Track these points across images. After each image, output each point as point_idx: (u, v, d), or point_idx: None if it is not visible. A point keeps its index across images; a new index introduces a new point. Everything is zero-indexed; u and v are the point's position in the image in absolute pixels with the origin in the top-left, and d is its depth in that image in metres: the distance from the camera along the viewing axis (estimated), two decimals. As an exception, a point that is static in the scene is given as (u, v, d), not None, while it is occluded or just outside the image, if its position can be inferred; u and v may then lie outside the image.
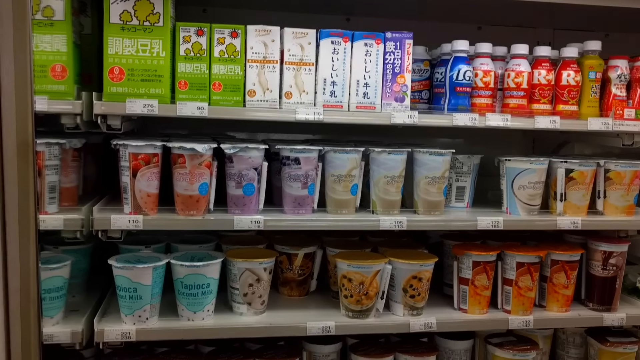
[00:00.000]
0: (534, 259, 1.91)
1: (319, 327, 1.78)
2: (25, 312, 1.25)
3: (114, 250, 1.84)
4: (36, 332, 1.28)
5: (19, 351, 1.38)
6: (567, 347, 2.19)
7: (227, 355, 1.80)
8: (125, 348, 1.81)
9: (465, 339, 2.03)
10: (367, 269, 1.79)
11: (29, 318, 1.25)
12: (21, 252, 1.28)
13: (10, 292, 1.23)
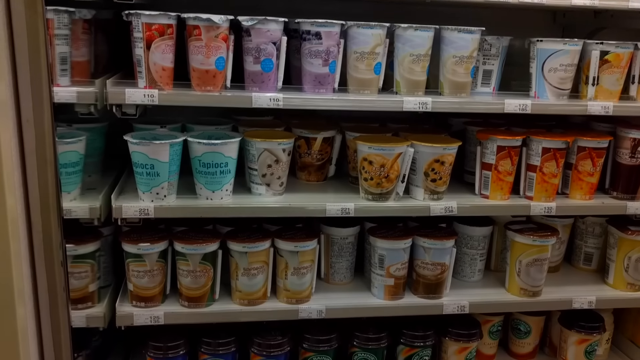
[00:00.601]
0: (560, 145, 1.85)
1: (338, 209, 1.76)
2: (43, 173, 1.22)
3: (129, 131, 1.79)
4: (54, 193, 1.26)
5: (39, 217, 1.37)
6: (586, 237, 2.18)
7: (246, 235, 1.80)
8: (143, 226, 1.81)
9: (485, 225, 2.02)
10: (389, 151, 1.74)
11: (46, 180, 1.23)
12: (35, 115, 1.24)
13: (26, 153, 1.20)
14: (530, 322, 2.17)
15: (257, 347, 1.86)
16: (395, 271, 1.87)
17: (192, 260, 1.74)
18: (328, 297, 1.91)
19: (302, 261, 1.81)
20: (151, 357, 1.81)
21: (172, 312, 1.77)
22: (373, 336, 1.92)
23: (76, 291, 1.73)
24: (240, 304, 1.82)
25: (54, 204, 1.43)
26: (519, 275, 1.94)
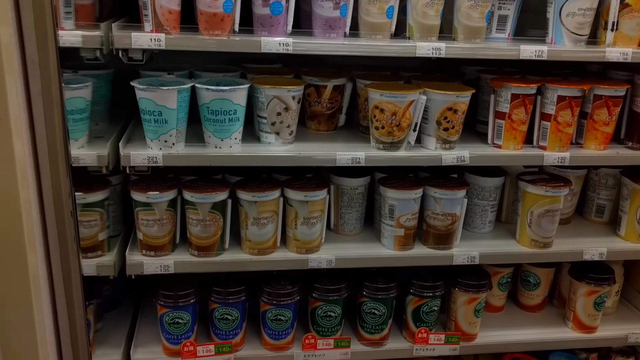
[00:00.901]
0: (576, 93, 1.80)
1: (349, 158, 1.73)
2: (50, 117, 1.20)
3: (136, 79, 1.76)
4: (62, 138, 1.24)
5: (47, 164, 1.35)
6: (598, 189, 2.15)
7: (255, 184, 1.78)
8: (151, 175, 1.79)
9: (496, 176, 2.00)
10: (401, 98, 1.70)
11: (53, 124, 1.21)
12: (40, 57, 1.21)
13: (32, 96, 1.17)
14: (540, 274, 2.17)
15: (267, 296, 1.86)
16: (406, 222, 1.85)
17: (201, 209, 1.73)
18: (338, 247, 1.90)
19: (312, 211, 1.80)
20: (161, 305, 1.82)
21: (182, 261, 1.77)
22: (382, 286, 1.92)
23: (86, 240, 1.72)
24: (250, 253, 1.82)
25: (61, 149, 1.41)
26: (530, 226, 1.92)
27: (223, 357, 1.87)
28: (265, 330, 1.91)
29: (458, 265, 1.92)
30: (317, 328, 1.95)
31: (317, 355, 1.93)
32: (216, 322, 1.87)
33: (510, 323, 2.16)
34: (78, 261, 1.53)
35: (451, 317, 2.03)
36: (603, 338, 2.11)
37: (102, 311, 2.04)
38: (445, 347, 1.99)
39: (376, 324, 1.94)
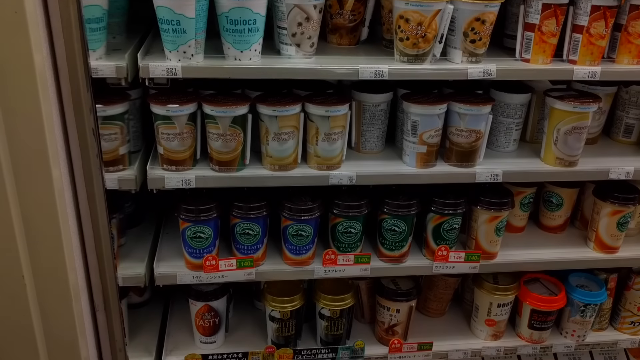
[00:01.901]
0: (611, 2, 1.71)
1: (372, 71, 1.69)
2: (67, 25, 1.17)
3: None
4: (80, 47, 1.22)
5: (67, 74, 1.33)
6: (628, 108, 2.09)
7: (276, 99, 1.75)
8: (171, 88, 1.77)
9: (523, 93, 1.94)
10: (427, 7, 1.63)
11: (71, 33, 1.18)
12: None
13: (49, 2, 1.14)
14: (563, 194, 2.14)
15: (288, 211, 1.87)
16: (429, 138, 1.82)
17: (221, 123, 1.71)
18: (359, 164, 1.88)
19: (333, 127, 1.77)
20: (183, 219, 1.83)
21: (204, 175, 1.77)
22: (403, 203, 1.91)
23: (107, 154, 1.72)
24: (270, 169, 1.81)
25: (81, 61, 1.39)
26: (555, 144, 1.88)
27: (245, 272, 1.90)
28: (286, 246, 1.93)
29: (480, 183, 1.90)
30: (338, 244, 1.96)
31: (337, 271, 1.95)
32: (238, 237, 1.89)
33: (530, 243, 2.16)
34: (102, 177, 1.53)
35: (472, 235, 2.03)
36: (624, 258, 2.10)
37: (125, 227, 2.07)
38: (465, 265, 2.00)
39: (396, 240, 1.95)
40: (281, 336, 2.06)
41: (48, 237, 1.32)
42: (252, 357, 2.05)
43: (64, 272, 1.31)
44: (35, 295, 1.26)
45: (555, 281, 2.20)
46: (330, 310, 2.02)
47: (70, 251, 1.40)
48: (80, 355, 1.36)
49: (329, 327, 2.06)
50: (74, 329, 1.36)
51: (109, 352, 1.51)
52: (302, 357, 2.08)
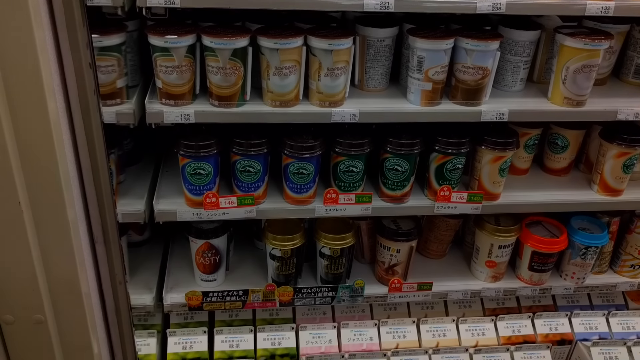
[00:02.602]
0: None
1: (377, 3, 1.62)
2: None
3: None
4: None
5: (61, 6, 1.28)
6: (639, 48, 2.03)
7: (277, 32, 1.69)
8: (169, 20, 1.71)
9: (532, 29, 1.88)
10: None
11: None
12: None
13: None
14: (569, 136, 2.11)
15: (289, 149, 1.84)
16: (434, 75, 1.77)
17: (221, 56, 1.66)
18: (362, 102, 1.84)
19: (336, 61, 1.72)
20: (183, 155, 1.81)
21: (203, 110, 1.74)
22: (406, 142, 1.88)
23: (104, 86, 1.68)
24: (272, 105, 1.77)
25: None
26: (564, 83, 1.83)
27: (245, 209, 1.89)
28: (287, 184, 1.91)
29: (485, 123, 1.86)
30: (339, 183, 1.94)
31: (338, 210, 1.94)
32: (238, 175, 1.87)
33: (534, 185, 2.14)
34: (99, 112, 1.49)
35: (475, 176, 2.01)
36: (628, 201, 2.08)
37: (124, 165, 2.05)
38: (467, 206, 1.98)
39: (398, 180, 1.93)
40: (282, 274, 2.06)
41: (44, 167, 1.29)
42: (253, 295, 2.06)
43: (61, 202, 1.29)
44: (33, 224, 1.24)
45: (557, 224, 2.19)
46: (331, 249, 2.02)
47: (67, 182, 1.38)
48: (80, 288, 1.36)
49: (329, 266, 2.07)
50: (73, 261, 1.34)
51: (109, 286, 1.50)
52: (302, 295, 2.09)
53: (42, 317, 1.30)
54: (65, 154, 1.37)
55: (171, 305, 2.05)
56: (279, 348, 2.13)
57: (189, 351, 2.08)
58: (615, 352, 2.23)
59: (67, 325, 1.33)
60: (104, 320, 1.49)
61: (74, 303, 1.33)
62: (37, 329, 1.30)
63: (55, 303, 1.31)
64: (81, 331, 1.35)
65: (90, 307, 1.35)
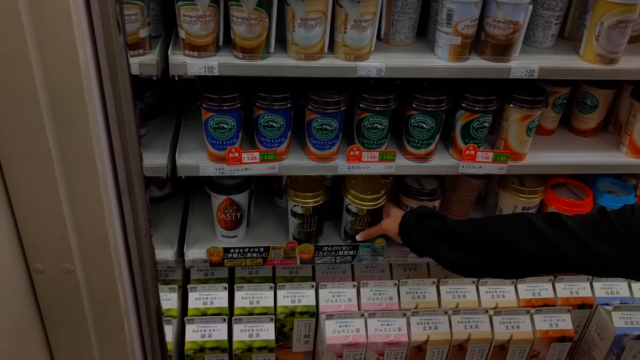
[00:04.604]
0: None
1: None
2: None
3: None
4: None
5: None
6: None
7: (304, -19, 1.64)
8: (193, -32, 1.66)
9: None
10: None
11: None
12: None
13: None
14: (599, 95, 2.06)
15: (313, 104, 1.80)
16: (464, 29, 1.72)
17: (246, 5, 1.62)
18: (388, 56, 1.79)
19: (363, 13, 1.67)
20: (206, 109, 1.78)
21: (227, 62, 1.70)
22: (433, 98, 1.84)
23: (127, 36, 1.64)
24: (296, 58, 1.73)
25: None
26: (597, 39, 1.77)
27: (267, 165, 1.87)
28: (310, 140, 1.88)
29: (514, 80, 1.81)
30: (363, 140, 1.91)
31: (361, 167, 1.91)
32: (261, 130, 1.84)
33: (561, 146, 2.10)
34: (127, 60, 1.46)
35: (501, 135, 1.97)
36: (657, 165, 2.04)
37: (145, 118, 2.03)
38: (493, 166, 1.95)
39: (423, 138, 1.89)
40: (302, 232, 2.05)
41: (74, 118, 1.27)
42: (274, 252, 2.06)
43: (91, 153, 1.27)
44: (63, 174, 1.23)
45: (583, 186, 2.16)
46: (357, 208, 2.01)
47: (97, 133, 1.36)
48: (108, 240, 1.35)
49: (354, 222, 2.05)
50: (102, 212, 1.33)
51: (134, 238, 1.49)
52: (323, 252, 2.08)
53: (71, 266, 1.29)
54: (95, 105, 1.34)
55: (192, 261, 2.05)
56: (298, 305, 2.13)
57: (209, 307, 2.09)
58: (637, 317, 2.21)
59: (95, 276, 1.33)
60: (130, 273, 1.48)
61: (102, 254, 1.32)
62: (66, 279, 1.30)
63: (84, 253, 1.30)
64: (109, 282, 1.35)
65: (117, 259, 1.34)
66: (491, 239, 1.57)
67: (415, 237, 1.76)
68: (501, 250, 1.56)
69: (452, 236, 1.65)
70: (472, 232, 1.62)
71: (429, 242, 1.72)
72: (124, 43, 1.38)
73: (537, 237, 1.49)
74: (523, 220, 1.54)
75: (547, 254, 1.49)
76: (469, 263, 1.62)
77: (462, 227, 1.64)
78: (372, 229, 2.02)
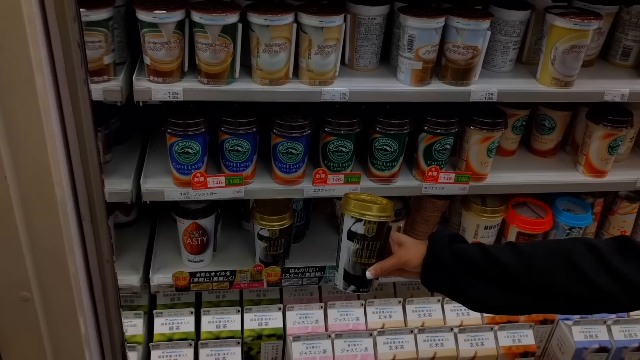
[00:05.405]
0: None
1: (368, -20, 1.61)
2: None
3: None
4: None
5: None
6: (627, 29, 2.05)
7: (268, 8, 1.67)
8: (157, -6, 1.68)
9: (523, 9, 1.88)
10: None
11: None
12: None
13: None
14: (556, 117, 2.13)
15: (279, 128, 1.83)
16: (425, 54, 1.77)
17: (210, 32, 1.64)
18: (352, 81, 1.83)
19: (327, 39, 1.71)
20: (170, 134, 1.79)
21: (191, 88, 1.71)
22: (396, 122, 1.87)
23: (91, 63, 1.65)
24: (261, 83, 1.75)
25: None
26: (553, 63, 1.84)
27: (234, 189, 1.87)
28: (276, 164, 1.90)
29: (474, 104, 1.87)
30: (328, 163, 1.93)
31: (326, 190, 1.93)
32: (226, 154, 1.85)
33: (521, 166, 2.15)
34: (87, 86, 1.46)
35: (462, 156, 2.01)
36: (612, 182, 2.10)
37: (111, 144, 2.02)
38: (455, 187, 1.99)
39: (387, 160, 1.93)
40: (269, 255, 2.06)
41: (32, 143, 1.27)
42: (240, 275, 2.05)
43: (49, 179, 1.26)
44: (19, 200, 1.22)
45: (543, 205, 2.22)
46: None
47: (55, 159, 1.35)
48: (67, 266, 1.33)
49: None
50: (60, 238, 1.32)
51: (96, 264, 1.48)
52: (290, 275, 2.09)
53: (28, 294, 1.27)
54: (54, 130, 1.34)
55: (158, 286, 2.04)
56: (266, 328, 2.13)
57: (175, 332, 2.07)
58: (596, 331, 2.26)
59: (53, 303, 1.31)
60: (91, 300, 1.47)
61: (60, 281, 1.31)
62: (23, 307, 1.28)
63: (42, 280, 1.29)
64: (68, 309, 1.33)
65: (77, 286, 1.33)
66: (548, 271, 1.27)
67: (449, 270, 1.36)
68: (564, 283, 1.26)
69: (499, 272, 1.31)
70: (523, 265, 1.29)
71: (466, 280, 1.34)
72: (84, 69, 1.38)
73: (607, 268, 1.22)
74: (586, 246, 1.27)
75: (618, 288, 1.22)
76: (521, 303, 1.31)
77: (508, 258, 1.30)
78: (385, 262, 1.48)
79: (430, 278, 1.41)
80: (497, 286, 1.31)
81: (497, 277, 1.31)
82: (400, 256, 1.46)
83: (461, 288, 1.34)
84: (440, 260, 1.37)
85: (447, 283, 1.38)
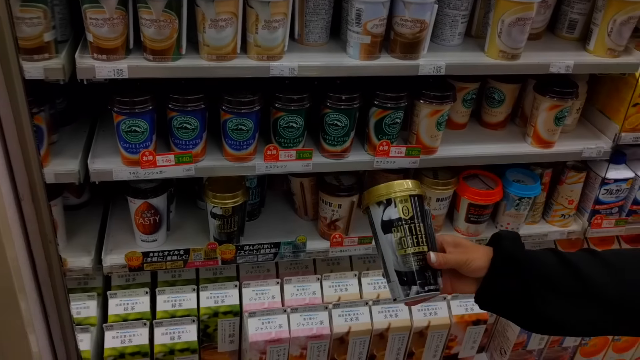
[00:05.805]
0: None
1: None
2: None
3: None
4: None
5: None
6: (573, 2, 2.07)
7: (212, -18, 1.64)
8: (97, -32, 1.63)
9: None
10: None
11: None
12: None
13: None
14: (505, 90, 2.16)
15: (227, 104, 1.81)
16: (373, 28, 1.77)
17: (154, 7, 1.60)
18: (301, 56, 1.82)
19: (274, 13, 1.69)
20: (117, 112, 1.76)
21: (137, 65, 1.68)
22: (346, 96, 1.88)
23: (30, 40, 1.60)
24: (208, 59, 1.72)
25: None
26: (499, 36, 1.86)
27: (183, 167, 1.86)
28: (226, 141, 1.88)
29: (423, 77, 1.88)
30: (279, 139, 1.93)
31: (278, 166, 1.93)
32: (175, 132, 1.83)
33: (471, 139, 2.18)
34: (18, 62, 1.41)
35: (413, 130, 2.03)
36: (559, 152, 2.16)
37: (58, 124, 1.97)
38: (406, 160, 2.01)
39: (338, 135, 1.93)
40: (223, 232, 2.05)
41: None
42: (194, 254, 2.05)
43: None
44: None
45: (493, 176, 2.26)
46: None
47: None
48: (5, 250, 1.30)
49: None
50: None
51: (40, 246, 1.45)
52: (245, 252, 2.09)
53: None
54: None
55: (111, 267, 2.02)
56: (222, 306, 2.13)
57: (130, 312, 2.06)
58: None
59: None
60: (35, 282, 1.44)
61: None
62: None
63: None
64: (7, 291, 1.30)
65: (16, 267, 1.30)
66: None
67: (523, 272, 1.16)
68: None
69: (585, 287, 1.12)
70: (613, 279, 1.11)
71: (541, 296, 1.14)
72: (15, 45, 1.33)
73: None
74: None
75: None
76: (607, 323, 1.13)
77: (594, 270, 1.12)
78: (448, 255, 1.23)
79: (499, 283, 1.18)
80: (579, 302, 1.11)
81: (581, 292, 1.11)
82: (460, 252, 1.23)
83: (531, 295, 1.14)
84: (515, 258, 1.17)
85: (517, 287, 1.16)
